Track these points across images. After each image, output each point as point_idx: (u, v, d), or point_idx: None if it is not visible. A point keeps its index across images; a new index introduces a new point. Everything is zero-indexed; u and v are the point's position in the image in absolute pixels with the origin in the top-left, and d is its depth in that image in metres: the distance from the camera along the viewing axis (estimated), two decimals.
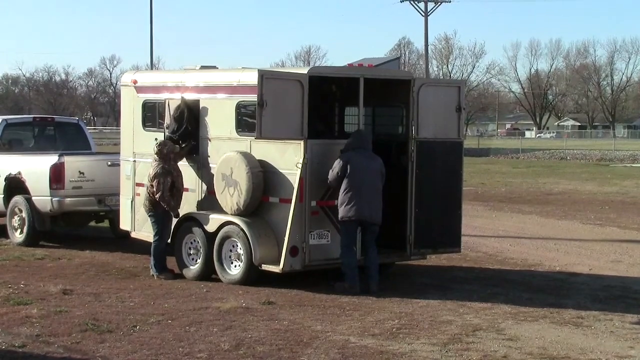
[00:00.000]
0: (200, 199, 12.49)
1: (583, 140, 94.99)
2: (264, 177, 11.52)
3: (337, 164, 11.23)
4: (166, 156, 12.26)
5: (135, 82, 13.82)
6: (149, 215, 12.51)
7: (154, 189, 12.17)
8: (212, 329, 9.27)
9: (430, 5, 63.56)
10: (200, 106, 12.50)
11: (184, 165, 12.62)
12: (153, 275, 12.33)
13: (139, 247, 14.15)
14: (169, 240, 12.58)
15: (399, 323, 9.67)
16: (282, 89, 11.06)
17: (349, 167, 11.18)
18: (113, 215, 15.13)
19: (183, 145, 12.52)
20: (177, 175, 12.34)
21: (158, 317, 9.76)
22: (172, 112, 12.63)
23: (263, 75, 10.94)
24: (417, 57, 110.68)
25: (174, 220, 12.40)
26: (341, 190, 11.23)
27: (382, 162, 11.54)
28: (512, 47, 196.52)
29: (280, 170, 11.45)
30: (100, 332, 9.06)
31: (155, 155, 12.29)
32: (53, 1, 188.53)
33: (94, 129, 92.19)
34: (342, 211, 11.24)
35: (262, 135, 11.06)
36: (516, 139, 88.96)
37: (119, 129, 14.69)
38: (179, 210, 12.38)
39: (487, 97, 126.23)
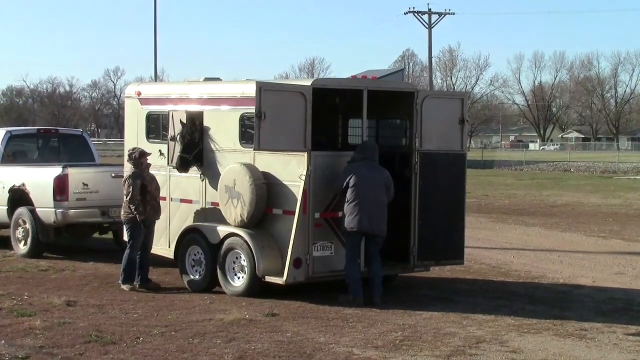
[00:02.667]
0: (204, 210, 12.50)
1: (587, 153, 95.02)
2: (267, 189, 11.53)
3: (341, 175, 11.26)
4: (137, 161, 12.36)
5: (139, 93, 13.86)
6: (124, 222, 12.55)
7: (125, 192, 12.25)
8: (216, 341, 9.28)
9: (434, 17, 63.60)
10: (204, 118, 12.53)
11: (188, 177, 12.66)
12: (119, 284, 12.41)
13: None
14: (173, 253, 12.62)
15: (402, 335, 9.67)
16: (283, 101, 11.09)
17: (352, 178, 11.19)
18: (117, 226, 15.14)
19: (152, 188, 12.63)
20: (150, 181, 12.39)
21: (161, 329, 9.77)
22: (184, 131, 12.52)
23: (261, 87, 10.96)
24: (421, 69, 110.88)
25: (179, 232, 12.42)
26: (346, 202, 11.26)
27: (388, 174, 11.52)
28: (515, 59, 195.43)
29: (284, 182, 11.46)
30: (103, 344, 9.08)
31: (128, 161, 12.45)
32: (57, 13, 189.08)
33: (98, 140, 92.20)
34: (345, 222, 11.27)
35: (260, 146, 11.09)
36: (520, 151, 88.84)
37: (123, 141, 14.72)
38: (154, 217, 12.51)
39: (491, 109, 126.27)
